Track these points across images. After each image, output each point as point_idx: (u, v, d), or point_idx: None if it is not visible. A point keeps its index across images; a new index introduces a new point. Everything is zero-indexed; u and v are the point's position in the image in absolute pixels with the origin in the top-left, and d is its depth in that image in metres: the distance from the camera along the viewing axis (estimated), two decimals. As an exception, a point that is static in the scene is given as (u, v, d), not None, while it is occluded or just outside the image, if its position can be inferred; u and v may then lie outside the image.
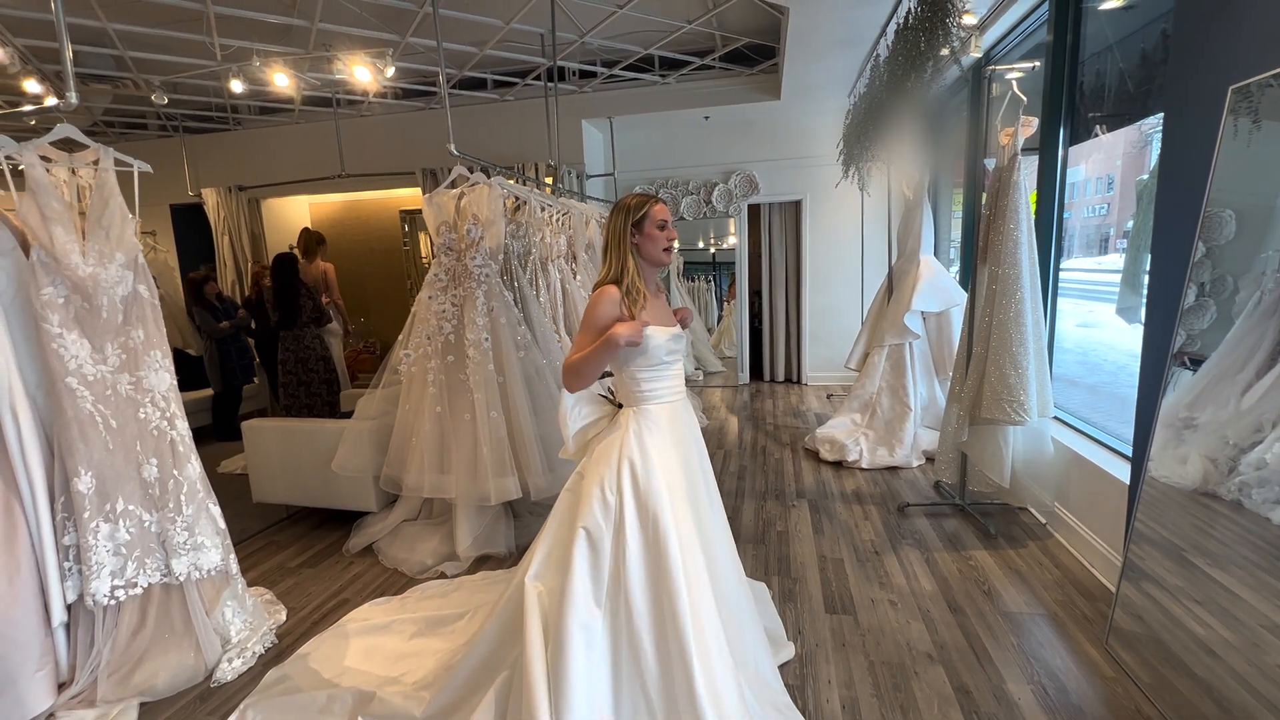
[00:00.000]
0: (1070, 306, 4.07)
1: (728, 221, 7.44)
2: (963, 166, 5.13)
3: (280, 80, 4.56)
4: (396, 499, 3.47)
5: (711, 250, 9.04)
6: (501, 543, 3.21)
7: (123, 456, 2.21)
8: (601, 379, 2.00)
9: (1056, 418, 3.38)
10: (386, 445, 3.36)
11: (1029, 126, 3.00)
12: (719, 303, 9.21)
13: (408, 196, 6.98)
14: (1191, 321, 1.96)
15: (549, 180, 5.45)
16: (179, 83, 5.34)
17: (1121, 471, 2.66)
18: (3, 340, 2.04)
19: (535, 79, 5.84)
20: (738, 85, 5.81)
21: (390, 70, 4.26)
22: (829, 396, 6.41)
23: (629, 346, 1.75)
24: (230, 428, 5.35)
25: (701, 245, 8.99)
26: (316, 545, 3.43)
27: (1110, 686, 2.06)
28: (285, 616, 2.70)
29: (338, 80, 5.23)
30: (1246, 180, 1.83)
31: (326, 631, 2.52)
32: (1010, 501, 3.32)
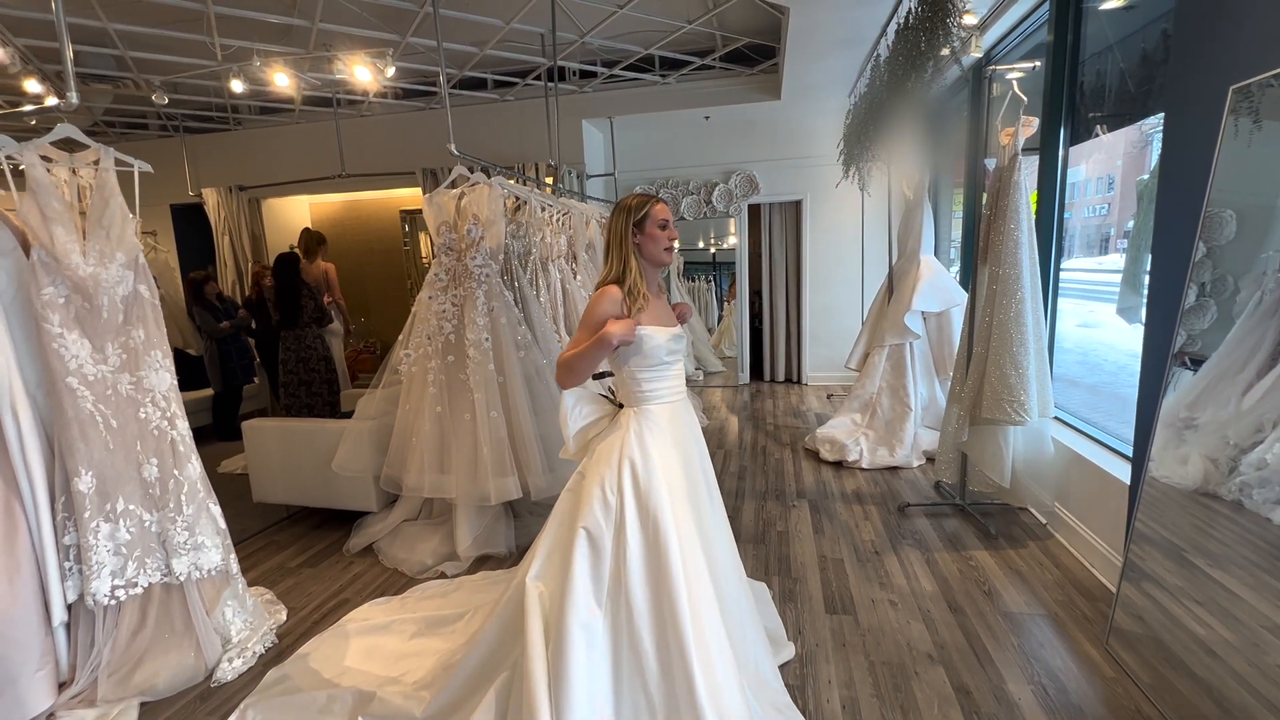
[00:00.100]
0: (1071, 306, 4.07)
1: (728, 221, 7.44)
2: (963, 166, 5.13)
3: (280, 80, 4.56)
4: (397, 499, 3.47)
5: (712, 250, 9.04)
6: (501, 543, 3.21)
7: (123, 456, 2.21)
8: (602, 379, 2.00)
9: (1057, 418, 3.37)
10: (387, 445, 3.36)
11: (1029, 126, 3.00)
12: (719, 303, 9.21)
13: (408, 196, 6.99)
14: (1192, 321, 1.96)
15: (549, 180, 5.45)
16: (179, 83, 5.35)
17: (1122, 472, 2.66)
18: (3, 340, 2.04)
19: (535, 79, 5.84)
20: (738, 85, 5.81)
21: (390, 70, 4.26)
22: (829, 396, 6.41)
23: (622, 345, 1.75)
24: (230, 428, 5.35)
25: (702, 245, 8.99)
26: (317, 545, 3.43)
27: (1110, 687, 2.06)
28: (285, 616, 2.70)
29: (338, 80, 5.23)
30: (1247, 180, 1.83)
31: (326, 631, 2.52)
32: (1010, 502, 3.32)
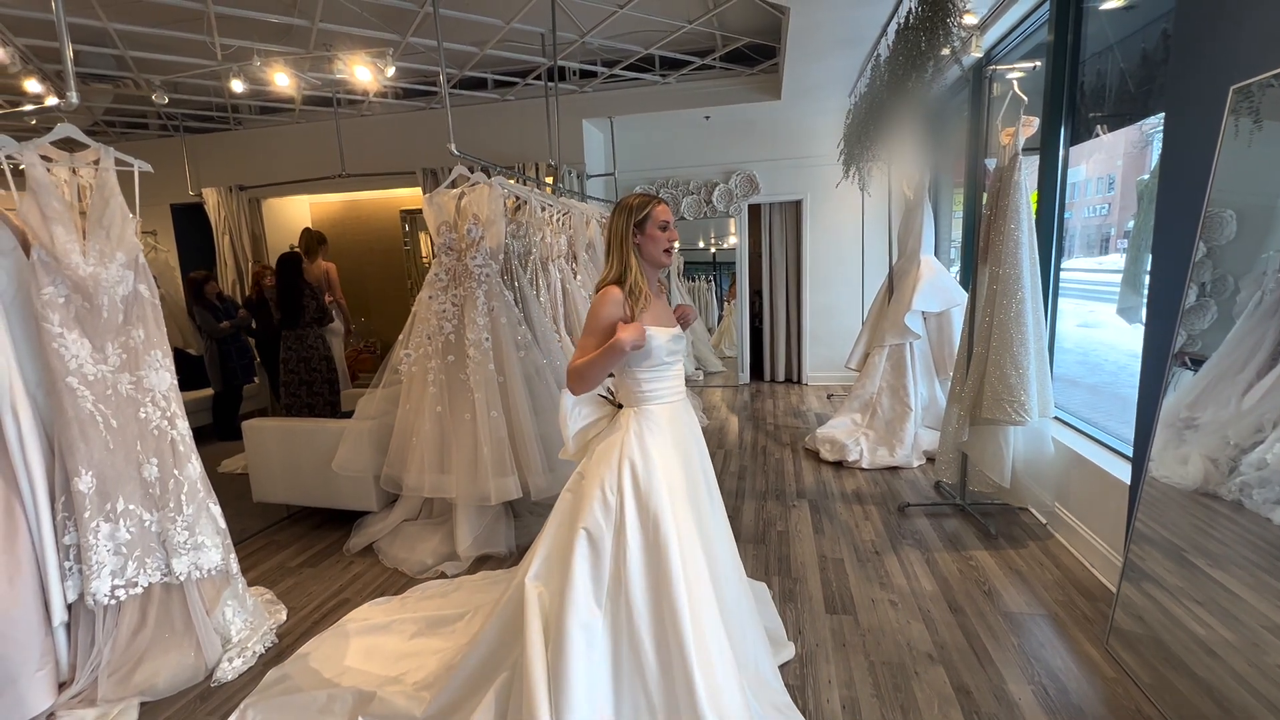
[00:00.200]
0: (1071, 306, 4.07)
1: (728, 221, 7.43)
2: (963, 166, 5.13)
3: (281, 80, 4.56)
4: (397, 499, 3.47)
5: (712, 250, 9.04)
6: (502, 542, 3.21)
7: (123, 456, 2.21)
8: (602, 379, 2.00)
9: (1057, 418, 3.37)
10: (387, 445, 3.36)
11: (1030, 126, 3.00)
12: (719, 302, 9.21)
13: (408, 196, 6.99)
14: (1192, 321, 1.96)
15: (549, 180, 5.45)
16: (180, 82, 5.35)
17: (1122, 472, 2.66)
18: (3, 340, 2.04)
19: (536, 79, 5.84)
20: (738, 85, 5.81)
21: (391, 70, 4.27)
22: (829, 396, 6.41)
23: (633, 350, 1.74)
24: (231, 427, 5.36)
25: (702, 245, 8.98)
26: (317, 545, 3.43)
27: (1111, 687, 2.06)
28: (285, 616, 2.70)
29: (338, 80, 5.23)
30: (1247, 180, 1.83)
31: (327, 631, 2.52)
32: (1011, 502, 3.32)
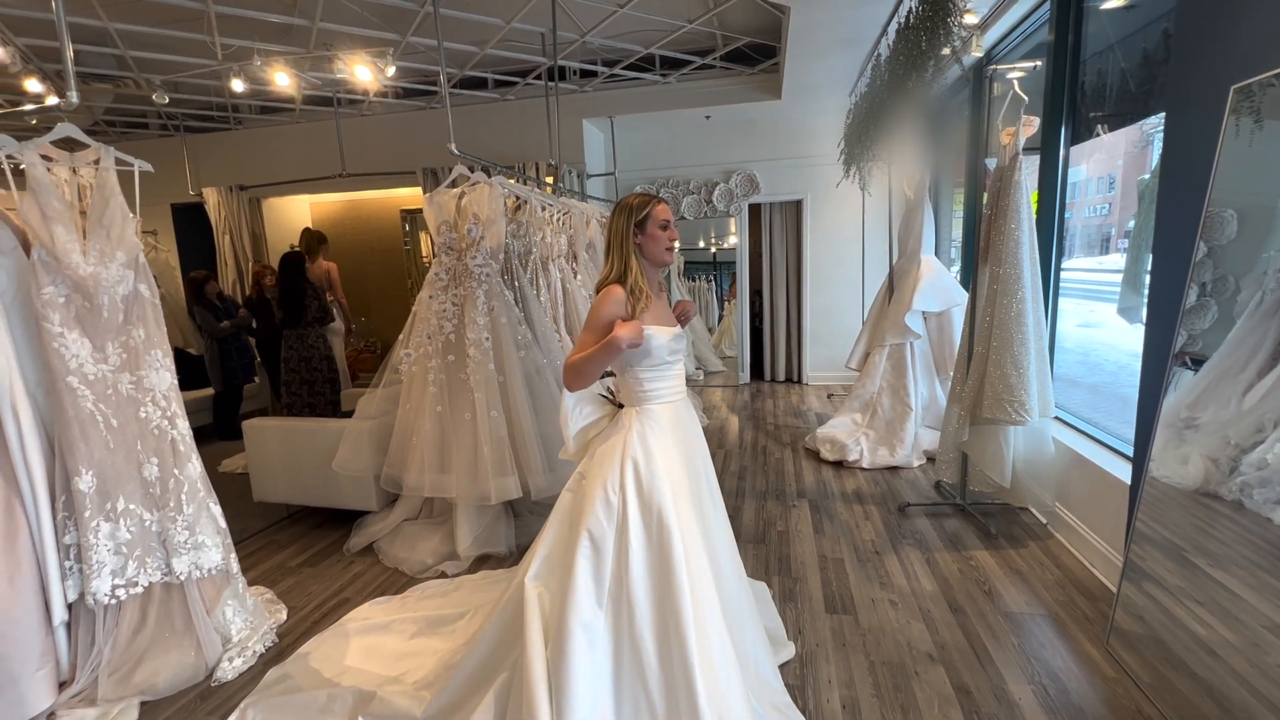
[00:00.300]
0: (1071, 306, 4.06)
1: (728, 221, 7.43)
2: (964, 166, 5.13)
3: (281, 80, 4.56)
4: (397, 498, 3.47)
5: (712, 250, 9.03)
6: (502, 542, 3.21)
7: (123, 455, 2.21)
8: (602, 379, 2.00)
9: (1057, 418, 3.37)
10: (387, 444, 3.36)
11: (1030, 126, 2.99)
12: (720, 302, 9.21)
13: (408, 196, 6.99)
14: (1193, 321, 1.96)
15: (549, 180, 5.45)
16: (180, 82, 5.35)
17: (1122, 471, 2.65)
18: (3, 339, 2.04)
19: (536, 78, 5.83)
20: (738, 85, 5.81)
21: (391, 70, 4.26)
22: (829, 396, 6.41)
23: (630, 348, 1.74)
24: (231, 427, 5.36)
25: (702, 245, 8.98)
26: (317, 544, 3.43)
27: (1111, 687, 2.06)
28: (286, 616, 2.70)
29: (338, 80, 5.24)
30: (1248, 180, 1.83)
31: (327, 631, 2.52)
32: (1011, 501, 3.32)
